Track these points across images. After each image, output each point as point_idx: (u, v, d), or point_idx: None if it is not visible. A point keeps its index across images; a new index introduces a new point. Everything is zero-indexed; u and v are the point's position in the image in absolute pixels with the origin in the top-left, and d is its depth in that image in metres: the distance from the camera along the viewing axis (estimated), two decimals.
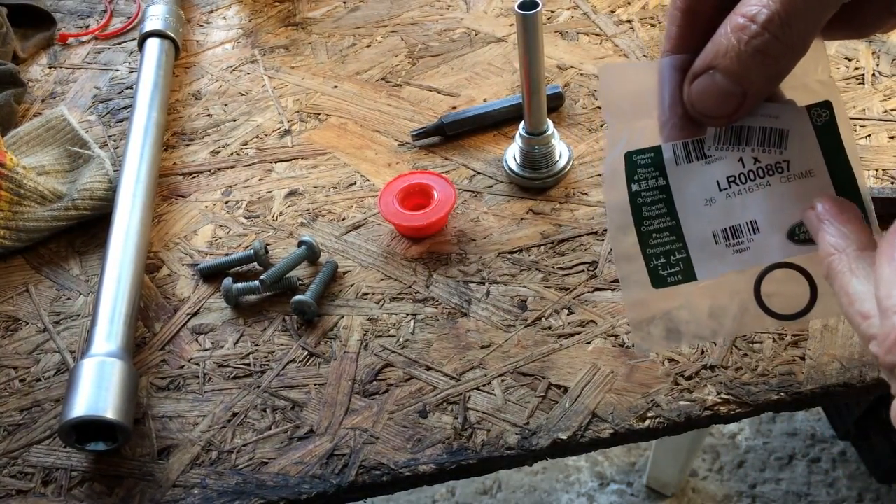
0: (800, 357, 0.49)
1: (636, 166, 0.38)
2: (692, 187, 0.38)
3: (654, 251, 0.38)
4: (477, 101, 0.69)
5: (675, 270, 0.38)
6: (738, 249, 0.37)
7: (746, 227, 0.37)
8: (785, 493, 1.30)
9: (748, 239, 0.37)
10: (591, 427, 0.48)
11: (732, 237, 0.37)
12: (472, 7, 0.80)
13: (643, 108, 0.38)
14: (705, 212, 0.37)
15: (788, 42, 0.33)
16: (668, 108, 0.37)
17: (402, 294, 0.56)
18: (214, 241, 0.61)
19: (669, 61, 0.37)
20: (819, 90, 0.37)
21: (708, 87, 0.35)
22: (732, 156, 0.37)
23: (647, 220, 0.38)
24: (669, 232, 0.38)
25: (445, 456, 0.47)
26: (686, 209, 0.38)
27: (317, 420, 0.50)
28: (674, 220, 0.38)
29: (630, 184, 0.38)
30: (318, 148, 0.67)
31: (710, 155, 0.37)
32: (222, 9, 0.85)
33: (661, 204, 0.38)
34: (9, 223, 0.60)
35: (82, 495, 0.48)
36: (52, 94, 0.76)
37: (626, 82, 0.39)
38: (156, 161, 0.64)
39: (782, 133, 0.36)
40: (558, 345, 0.52)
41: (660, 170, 0.38)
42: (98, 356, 0.49)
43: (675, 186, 0.38)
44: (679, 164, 0.38)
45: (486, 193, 0.61)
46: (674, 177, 0.38)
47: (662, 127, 0.38)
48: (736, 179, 0.37)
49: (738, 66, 0.33)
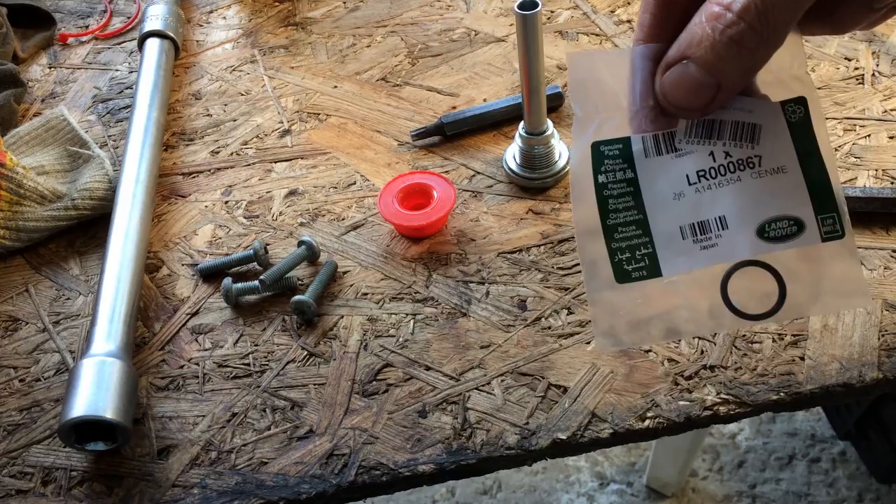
0: (800, 357, 0.49)
1: (604, 157, 0.37)
2: (661, 181, 0.37)
3: (619, 245, 0.37)
4: (477, 101, 0.69)
5: (640, 266, 0.37)
6: (705, 245, 0.36)
7: (715, 222, 0.36)
8: (785, 493, 1.30)
9: (716, 235, 0.36)
10: (591, 427, 0.48)
11: (700, 233, 0.36)
12: (472, 7, 0.80)
13: (613, 97, 0.37)
14: (673, 206, 0.37)
15: (764, 32, 0.32)
16: (638, 98, 0.36)
17: (402, 294, 0.56)
18: (214, 241, 0.61)
19: (641, 50, 0.36)
20: (794, 86, 0.37)
21: (681, 77, 0.34)
22: (703, 150, 0.36)
23: (614, 213, 0.37)
24: (636, 226, 0.37)
25: (445, 456, 0.47)
26: (654, 203, 0.37)
27: (316, 420, 0.50)
28: (640, 214, 0.37)
29: (597, 175, 0.37)
30: (317, 148, 0.67)
31: (681, 148, 0.36)
32: (222, 9, 0.85)
33: (629, 197, 0.37)
34: (9, 223, 0.60)
35: (82, 495, 0.48)
36: (52, 94, 0.76)
37: (596, 70, 0.38)
38: (156, 161, 0.64)
39: (755, 128, 0.36)
40: (558, 345, 0.52)
41: (628, 162, 0.37)
42: (98, 356, 0.49)
43: (643, 179, 0.37)
44: (648, 156, 0.37)
45: (486, 193, 0.61)
46: (642, 170, 0.37)
47: (633, 118, 0.37)
48: (706, 174, 0.36)
49: (713, 57, 0.32)
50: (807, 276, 0.37)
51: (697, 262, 0.36)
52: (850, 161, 0.60)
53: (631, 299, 0.37)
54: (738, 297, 0.36)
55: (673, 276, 0.37)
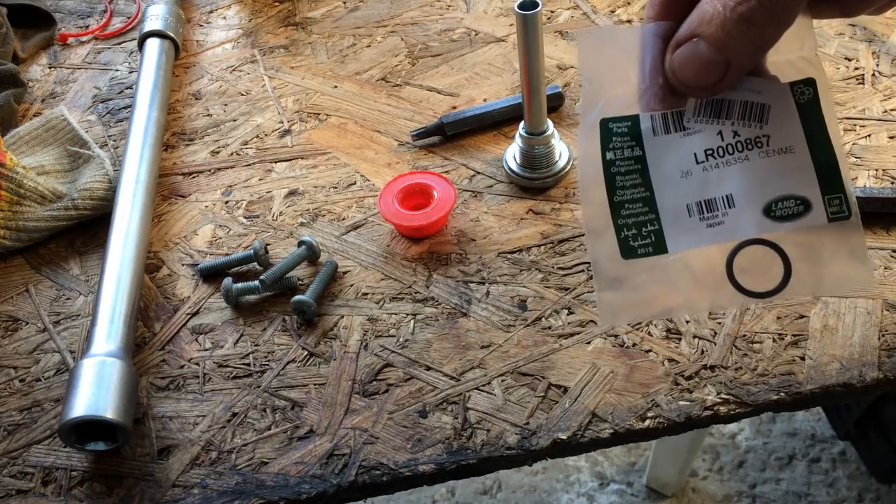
0: (800, 357, 0.49)
1: (612, 134, 0.37)
2: (669, 159, 0.37)
3: (625, 222, 0.37)
4: (477, 101, 0.69)
5: (646, 242, 0.37)
6: (711, 223, 0.36)
7: (722, 200, 0.36)
8: (785, 493, 1.30)
9: (723, 213, 0.36)
10: (591, 427, 0.48)
11: (707, 210, 0.36)
12: (472, 7, 0.80)
13: (622, 75, 0.37)
14: (680, 184, 0.37)
15: (775, 10, 0.32)
16: (648, 76, 0.36)
17: (402, 294, 0.56)
18: (214, 241, 0.61)
19: (652, 28, 0.36)
20: (804, 67, 0.37)
21: (691, 55, 0.34)
22: (712, 129, 0.36)
23: (621, 189, 0.37)
24: (643, 203, 0.37)
25: (445, 456, 0.47)
26: (661, 181, 0.37)
27: (317, 420, 0.50)
28: (648, 192, 0.37)
29: (605, 152, 0.37)
30: (317, 148, 0.67)
31: (689, 127, 0.37)
32: (222, 9, 0.85)
33: (636, 174, 0.37)
34: (9, 223, 0.60)
35: (82, 495, 0.48)
36: (52, 94, 0.76)
37: (606, 47, 0.38)
38: (156, 161, 0.64)
39: (763, 108, 0.36)
40: (558, 345, 0.52)
41: (636, 140, 0.37)
42: (98, 356, 0.49)
43: (651, 157, 0.37)
44: (657, 134, 0.37)
45: (486, 193, 0.61)
46: (650, 148, 0.37)
47: (641, 96, 0.37)
48: (714, 153, 0.36)
49: (723, 35, 0.33)
50: (812, 255, 0.37)
51: (703, 240, 0.36)
52: (851, 161, 0.60)
53: (636, 275, 0.38)
54: (743, 275, 0.36)
55: (679, 252, 0.37)
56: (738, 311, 0.51)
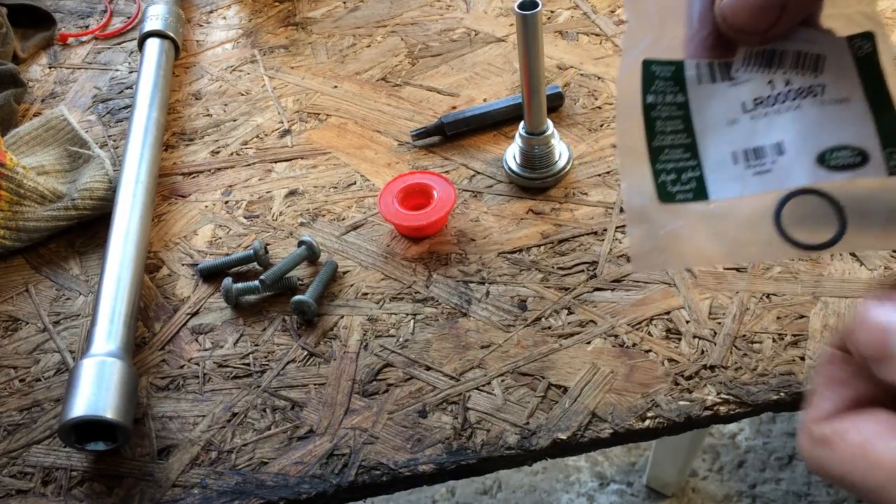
0: (800, 357, 0.49)
1: (654, 77, 0.35)
2: (714, 107, 0.35)
3: (664, 167, 0.35)
4: (477, 101, 0.69)
5: (686, 188, 0.35)
6: (759, 171, 0.34)
7: (771, 148, 0.34)
8: (785, 493, 1.30)
9: (771, 161, 0.34)
10: (591, 427, 0.48)
11: (754, 158, 0.34)
12: (472, 7, 0.80)
13: (670, 16, 0.35)
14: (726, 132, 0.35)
15: None
16: (696, 21, 0.34)
17: (402, 294, 0.56)
18: (214, 241, 0.61)
19: None
20: (862, 21, 0.34)
21: None
22: (762, 78, 0.34)
23: (661, 134, 0.35)
24: (684, 149, 0.35)
25: (445, 456, 0.47)
26: (704, 128, 0.35)
27: (317, 420, 0.50)
28: (690, 138, 0.35)
29: (646, 94, 0.35)
30: (317, 148, 0.67)
31: (737, 77, 0.34)
32: (222, 9, 0.85)
33: (678, 120, 0.35)
34: (9, 223, 0.60)
35: (82, 495, 0.48)
36: (52, 94, 0.76)
37: None
38: (156, 161, 0.64)
39: (818, 58, 0.34)
40: (558, 345, 0.52)
41: (680, 85, 0.35)
42: (98, 356, 0.49)
43: (694, 105, 0.35)
44: (702, 83, 0.35)
45: (486, 193, 0.61)
46: (694, 95, 0.35)
47: (689, 41, 0.34)
48: (763, 102, 0.34)
49: None
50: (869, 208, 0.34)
51: (749, 188, 0.34)
52: None
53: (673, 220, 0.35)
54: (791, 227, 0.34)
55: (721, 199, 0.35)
56: (738, 311, 0.51)
